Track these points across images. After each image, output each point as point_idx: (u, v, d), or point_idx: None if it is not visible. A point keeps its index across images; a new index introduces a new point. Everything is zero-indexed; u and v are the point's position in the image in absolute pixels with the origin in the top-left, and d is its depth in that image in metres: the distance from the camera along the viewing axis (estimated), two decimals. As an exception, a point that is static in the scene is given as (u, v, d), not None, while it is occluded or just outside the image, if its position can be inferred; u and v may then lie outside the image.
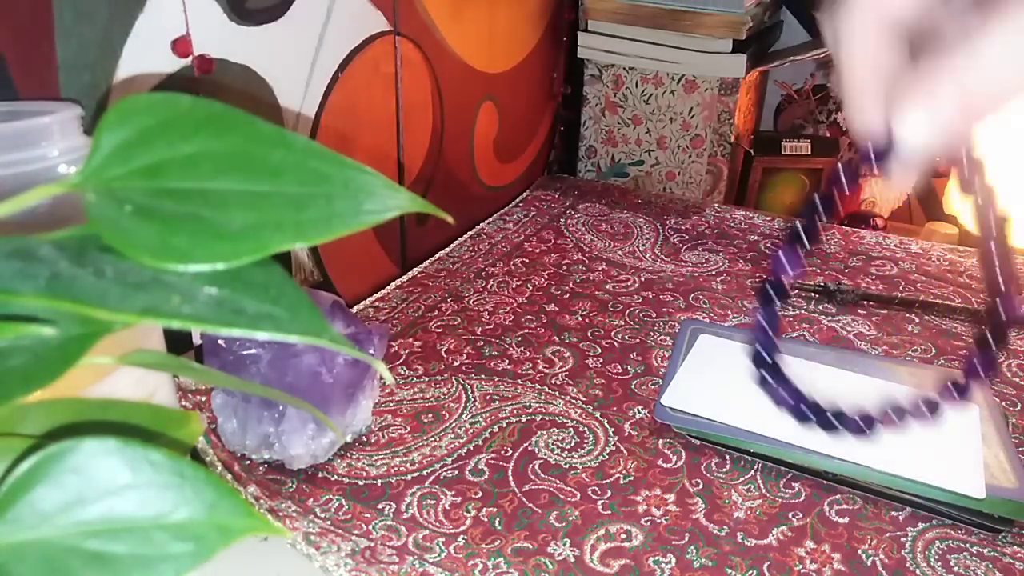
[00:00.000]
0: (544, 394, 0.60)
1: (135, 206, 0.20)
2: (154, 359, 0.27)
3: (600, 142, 1.05)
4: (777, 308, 0.38)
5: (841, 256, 0.84)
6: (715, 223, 0.92)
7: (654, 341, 0.67)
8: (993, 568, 0.45)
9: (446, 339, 0.67)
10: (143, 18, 0.50)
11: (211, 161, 0.21)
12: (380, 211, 0.21)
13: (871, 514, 0.49)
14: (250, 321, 0.20)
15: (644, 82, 0.99)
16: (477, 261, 0.81)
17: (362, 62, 0.68)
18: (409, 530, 0.47)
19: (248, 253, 0.20)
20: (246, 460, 0.51)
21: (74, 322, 0.20)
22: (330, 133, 0.67)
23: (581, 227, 0.90)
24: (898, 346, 0.68)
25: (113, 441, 0.21)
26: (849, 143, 1.01)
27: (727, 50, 0.93)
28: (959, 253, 0.85)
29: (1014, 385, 0.63)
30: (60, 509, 0.21)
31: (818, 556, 0.46)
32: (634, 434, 0.56)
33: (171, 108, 0.22)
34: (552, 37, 1.01)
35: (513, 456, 0.53)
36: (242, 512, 0.22)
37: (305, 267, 0.67)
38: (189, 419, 0.27)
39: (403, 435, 0.55)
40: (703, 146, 0.99)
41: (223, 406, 0.51)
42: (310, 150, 0.22)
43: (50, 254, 0.20)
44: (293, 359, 0.48)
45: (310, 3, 0.62)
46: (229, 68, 0.56)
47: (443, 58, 0.79)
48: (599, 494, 0.50)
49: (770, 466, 0.53)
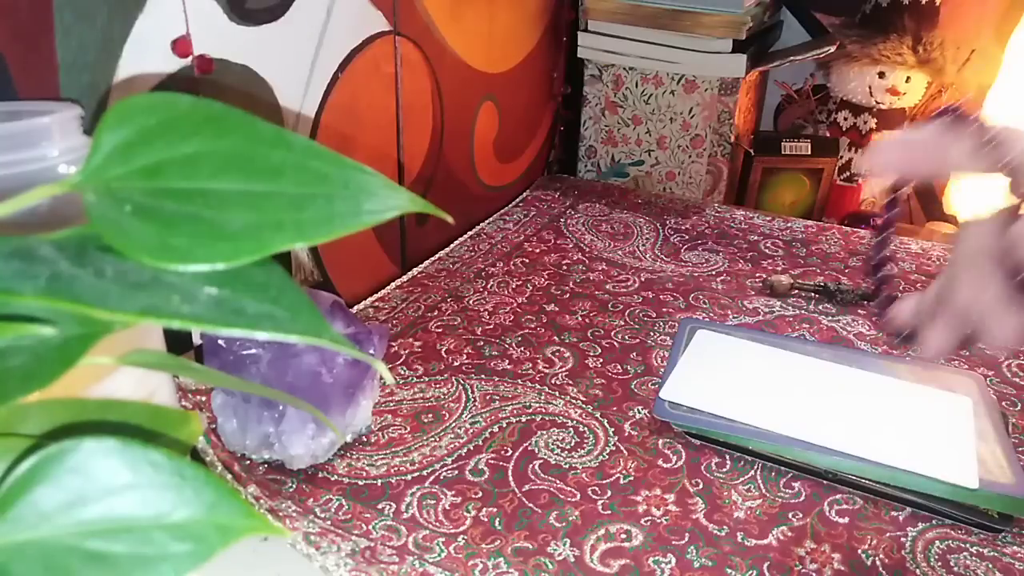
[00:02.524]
0: (544, 394, 0.60)
1: (135, 206, 0.20)
2: (154, 359, 0.27)
3: (600, 142, 1.05)
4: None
5: (841, 256, 0.84)
6: (715, 223, 0.92)
7: (654, 341, 0.67)
8: (993, 568, 0.45)
9: (446, 339, 0.67)
10: (143, 18, 0.50)
11: (211, 161, 0.21)
12: (380, 211, 0.21)
13: (871, 514, 0.49)
14: (250, 321, 0.20)
15: (644, 82, 0.99)
16: (477, 261, 0.81)
17: (362, 62, 0.68)
18: (409, 530, 0.47)
19: (248, 253, 0.20)
20: (246, 460, 0.51)
21: (74, 322, 0.20)
22: (330, 133, 0.67)
23: (581, 227, 0.90)
24: (898, 346, 0.68)
25: (113, 441, 0.21)
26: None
27: (727, 50, 0.93)
28: (959, 253, 0.85)
29: (1014, 385, 0.63)
30: (60, 509, 0.21)
31: (818, 556, 0.46)
32: (634, 434, 0.56)
33: (171, 108, 0.22)
34: (552, 37, 1.01)
35: (513, 456, 0.53)
36: (242, 512, 0.22)
37: (305, 267, 0.67)
38: (189, 419, 0.27)
39: (403, 435, 0.55)
40: (703, 146, 0.99)
41: (223, 406, 0.51)
42: (310, 150, 0.22)
43: (50, 254, 0.20)
44: (293, 359, 0.48)
45: (310, 3, 0.62)
46: (229, 68, 0.56)
47: (443, 58, 0.79)
48: (599, 494, 0.50)
49: (770, 466, 0.53)
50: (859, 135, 1.01)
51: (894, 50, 0.95)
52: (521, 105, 0.97)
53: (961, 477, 0.48)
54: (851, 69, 0.98)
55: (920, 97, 0.99)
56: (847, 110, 1.02)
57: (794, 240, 0.88)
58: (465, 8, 0.81)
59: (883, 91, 0.97)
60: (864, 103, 1.00)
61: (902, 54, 0.95)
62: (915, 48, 0.95)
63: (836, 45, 0.96)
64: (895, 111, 1.00)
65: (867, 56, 0.96)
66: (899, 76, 0.96)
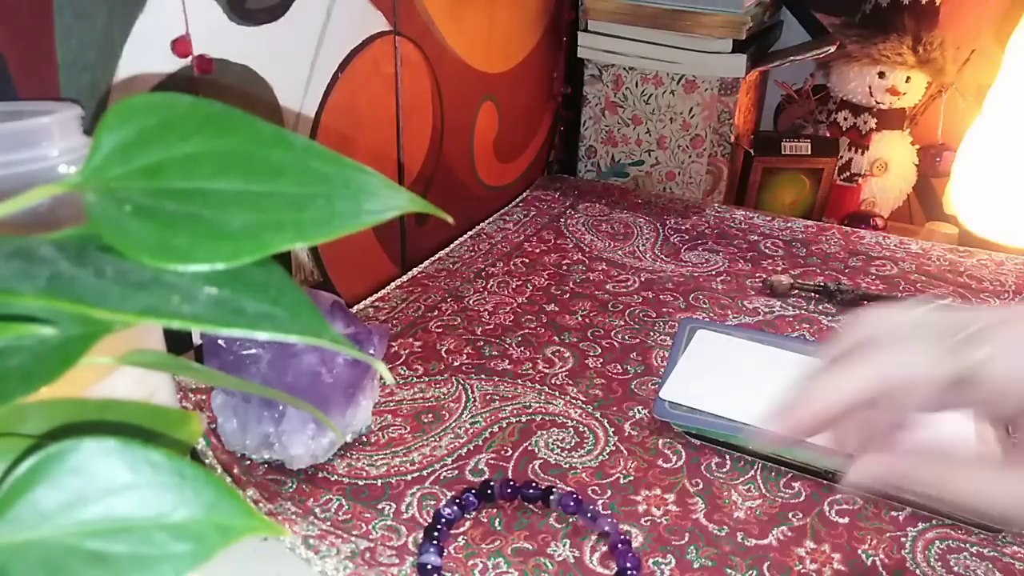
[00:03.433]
0: (544, 394, 0.60)
1: (135, 206, 0.20)
2: (154, 359, 0.27)
3: (600, 142, 1.05)
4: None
5: (841, 256, 0.84)
6: (715, 223, 0.92)
7: (654, 341, 0.67)
8: (993, 568, 0.45)
9: (446, 339, 0.67)
10: (143, 18, 0.50)
11: (211, 161, 0.21)
12: (380, 211, 0.21)
13: (871, 514, 0.49)
14: (250, 321, 0.20)
15: (644, 82, 0.99)
16: (477, 261, 0.81)
17: (362, 62, 0.68)
18: (409, 530, 0.47)
19: (248, 253, 0.20)
20: (246, 460, 0.51)
21: (74, 322, 0.20)
22: (330, 133, 0.67)
23: (581, 227, 0.90)
24: (898, 346, 0.68)
25: (113, 441, 0.21)
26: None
27: (727, 50, 0.93)
28: (959, 253, 0.85)
29: (1014, 385, 0.62)
30: (60, 509, 0.21)
31: (818, 556, 0.46)
32: (634, 434, 0.56)
33: (171, 108, 0.22)
34: (552, 37, 1.01)
35: (513, 456, 0.53)
36: (242, 512, 0.22)
37: (305, 267, 0.67)
38: (189, 419, 0.27)
39: (403, 435, 0.55)
40: (703, 146, 0.99)
41: (223, 406, 0.51)
42: (310, 150, 0.22)
43: (50, 254, 0.20)
44: (293, 359, 0.48)
45: (310, 3, 0.62)
46: (229, 68, 0.56)
47: (443, 58, 0.79)
48: (599, 494, 0.50)
49: (770, 466, 0.53)
50: (859, 135, 1.01)
51: (894, 50, 0.95)
52: (521, 105, 0.97)
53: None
54: (851, 69, 0.98)
55: (920, 97, 0.99)
56: (847, 110, 1.01)
57: (794, 240, 0.88)
58: (465, 8, 0.81)
59: (883, 91, 0.97)
60: (864, 103, 1.00)
61: (902, 54, 0.95)
62: (915, 48, 0.94)
63: (836, 45, 0.96)
64: (895, 111, 1.00)
65: (867, 56, 0.96)
66: (899, 76, 0.96)
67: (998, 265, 0.83)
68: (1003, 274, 0.81)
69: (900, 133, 1.01)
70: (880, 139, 1.01)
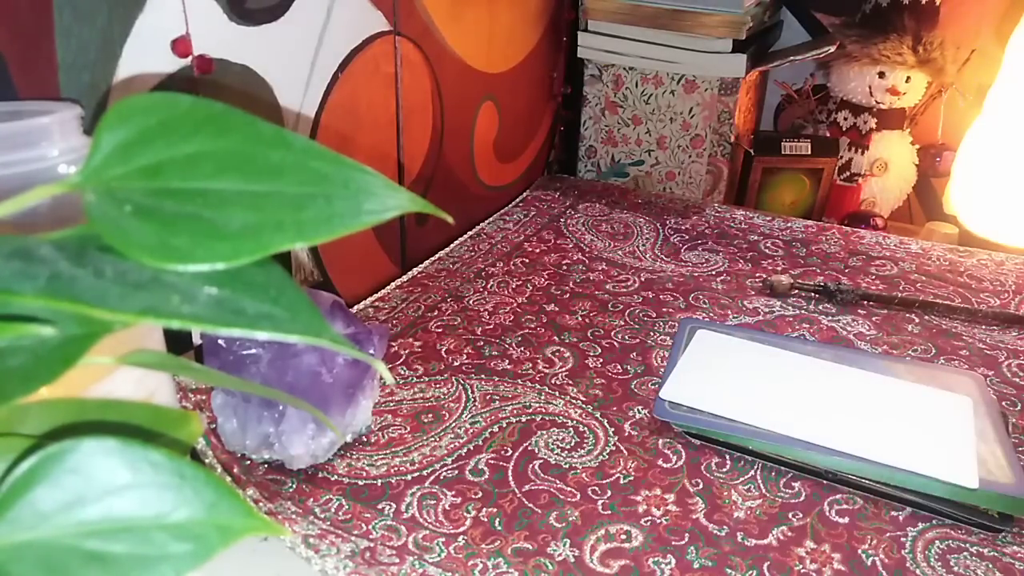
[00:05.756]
0: (544, 394, 0.60)
1: (135, 206, 0.20)
2: (154, 359, 0.27)
3: (600, 142, 1.05)
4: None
5: (841, 256, 0.84)
6: (715, 223, 0.92)
7: (654, 341, 0.67)
8: (993, 568, 0.45)
9: (446, 339, 0.67)
10: (143, 18, 0.50)
11: (211, 161, 0.21)
12: (380, 211, 0.21)
13: (871, 514, 0.49)
14: (250, 321, 0.20)
15: (644, 82, 0.99)
16: (477, 261, 0.81)
17: (362, 62, 0.68)
18: (409, 530, 0.47)
19: (248, 253, 0.20)
20: (246, 460, 0.51)
21: (74, 322, 0.20)
22: (330, 133, 0.67)
23: (581, 227, 0.90)
24: (898, 346, 0.68)
25: (113, 441, 0.21)
26: (849, 143, 1.01)
27: (727, 50, 0.93)
28: (959, 253, 0.85)
29: (1014, 385, 0.62)
30: (60, 509, 0.21)
31: (818, 556, 0.46)
32: (634, 434, 0.56)
33: (171, 108, 0.22)
34: (552, 37, 1.00)
35: (513, 456, 0.53)
36: (242, 512, 0.22)
37: (305, 267, 0.67)
38: (189, 419, 0.27)
39: (403, 435, 0.55)
40: (703, 146, 0.99)
41: (223, 406, 0.51)
42: (310, 150, 0.22)
43: (50, 254, 0.20)
44: (293, 359, 0.48)
45: (310, 3, 0.62)
46: (229, 68, 0.56)
47: (443, 58, 0.79)
48: (599, 494, 0.50)
49: (770, 466, 0.53)
50: (859, 135, 1.01)
51: (894, 50, 0.95)
52: (521, 105, 0.97)
53: (961, 477, 0.48)
54: (851, 69, 0.98)
55: (920, 97, 0.99)
56: (847, 110, 1.02)
57: (794, 240, 0.88)
58: (465, 8, 0.81)
59: (883, 91, 0.97)
60: (864, 103, 1.00)
61: (902, 54, 0.95)
62: (915, 48, 0.94)
63: (836, 45, 0.96)
64: (895, 111, 1.00)
65: (867, 56, 0.96)
66: (899, 76, 0.96)
67: (998, 265, 0.83)
68: (1003, 274, 0.81)
69: (900, 133, 1.01)
70: (880, 139, 1.01)
